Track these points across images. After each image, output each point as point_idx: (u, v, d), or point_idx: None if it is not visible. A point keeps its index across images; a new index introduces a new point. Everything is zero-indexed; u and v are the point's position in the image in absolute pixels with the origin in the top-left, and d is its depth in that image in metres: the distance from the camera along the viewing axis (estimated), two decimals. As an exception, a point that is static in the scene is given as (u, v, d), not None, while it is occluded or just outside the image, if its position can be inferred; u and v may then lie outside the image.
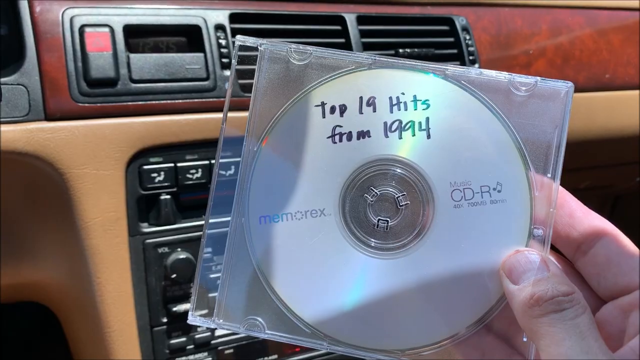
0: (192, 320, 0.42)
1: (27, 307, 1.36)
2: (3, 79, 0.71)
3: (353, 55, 0.42)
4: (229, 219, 0.78)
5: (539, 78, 0.41)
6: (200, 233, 0.81)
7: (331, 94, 0.42)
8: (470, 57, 0.99)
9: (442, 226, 0.41)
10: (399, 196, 0.41)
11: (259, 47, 0.42)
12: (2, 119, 0.71)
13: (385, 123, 0.41)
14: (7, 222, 0.77)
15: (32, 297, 0.96)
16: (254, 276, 0.42)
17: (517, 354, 0.40)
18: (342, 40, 0.90)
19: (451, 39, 0.99)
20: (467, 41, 0.99)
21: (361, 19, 0.92)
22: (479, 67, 0.99)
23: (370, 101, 0.41)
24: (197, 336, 0.83)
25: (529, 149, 0.41)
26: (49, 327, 1.30)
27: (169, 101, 0.79)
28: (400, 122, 0.41)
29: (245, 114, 0.87)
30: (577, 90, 1.15)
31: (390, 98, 0.41)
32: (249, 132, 0.42)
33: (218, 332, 0.85)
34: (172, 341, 0.82)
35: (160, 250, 0.80)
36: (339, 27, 0.91)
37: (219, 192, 0.83)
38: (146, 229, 0.79)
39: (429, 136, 0.41)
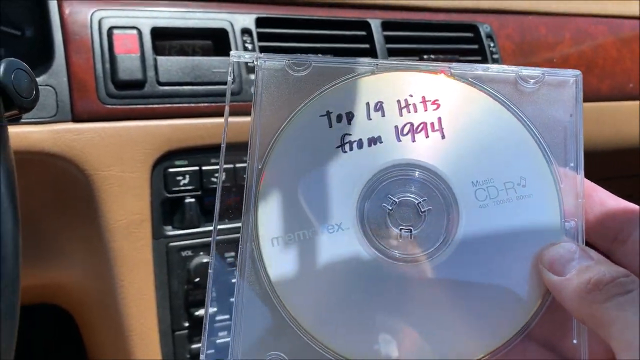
0: None
1: (43, 310, 1.35)
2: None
3: (354, 61, 0.40)
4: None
5: (546, 69, 0.40)
6: (224, 237, 0.81)
7: (336, 102, 0.40)
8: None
9: (469, 229, 0.38)
10: (419, 202, 0.39)
11: (256, 62, 0.40)
12: (30, 120, 0.71)
13: (396, 127, 0.39)
14: (32, 222, 0.77)
15: (51, 299, 0.96)
16: (270, 305, 0.38)
17: None
18: (367, 45, 0.90)
19: (475, 46, 0.98)
20: (491, 48, 0.98)
21: (386, 25, 0.92)
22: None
23: (378, 106, 0.40)
24: (218, 341, 0.83)
25: (546, 140, 0.39)
26: (65, 330, 1.29)
27: (195, 104, 0.78)
28: (412, 124, 0.39)
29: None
30: (600, 99, 1.15)
31: (399, 101, 0.40)
32: (252, 149, 0.39)
33: (239, 337, 0.84)
34: (194, 346, 0.82)
35: (183, 253, 0.79)
36: (364, 33, 0.90)
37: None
38: (170, 232, 0.79)
39: (443, 136, 0.39)
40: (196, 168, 0.79)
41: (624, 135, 1.10)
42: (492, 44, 0.99)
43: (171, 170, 0.78)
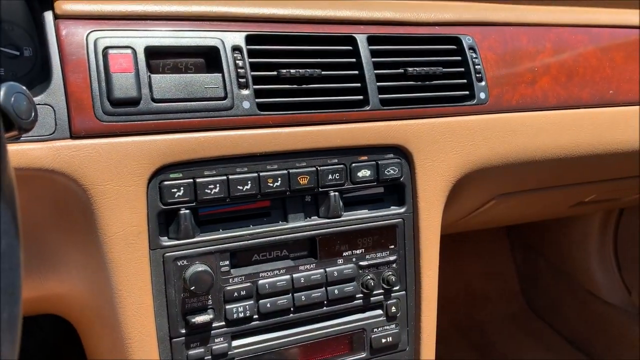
0: None
1: (44, 320, 1.38)
2: (31, 99, 0.74)
3: None
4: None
5: None
6: (219, 247, 0.84)
7: None
8: (477, 75, 1.02)
9: None
10: None
11: None
12: (30, 137, 0.74)
13: None
14: (33, 236, 0.80)
15: (52, 310, 0.99)
16: None
17: None
18: (354, 60, 0.94)
19: (458, 58, 1.02)
20: (473, 59, 1.02)
21: (372, 40, 0.95)
22: (486, 84, 1.02)
23: None
24: (214, 347, 0.85)
25: None
26: (66, 339, 1.32)
27: (188, 119, 0.81)
28: None
29: (263, 131, 0.90)
30: (581, 106, 1.18)
31: None
32: None
33: (235, 343, 0.87)
34: (191, 352, 0.84)
35: (179, 263, 0.82)
36: (350, 48, 0.94)
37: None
38: (166, 242, 0.82)
39: None
40: (190, 180, 0.82)
41: (605, 140, 1.13)
42: (474, 55, 1.02)
43: (166, 183, 0.81)
